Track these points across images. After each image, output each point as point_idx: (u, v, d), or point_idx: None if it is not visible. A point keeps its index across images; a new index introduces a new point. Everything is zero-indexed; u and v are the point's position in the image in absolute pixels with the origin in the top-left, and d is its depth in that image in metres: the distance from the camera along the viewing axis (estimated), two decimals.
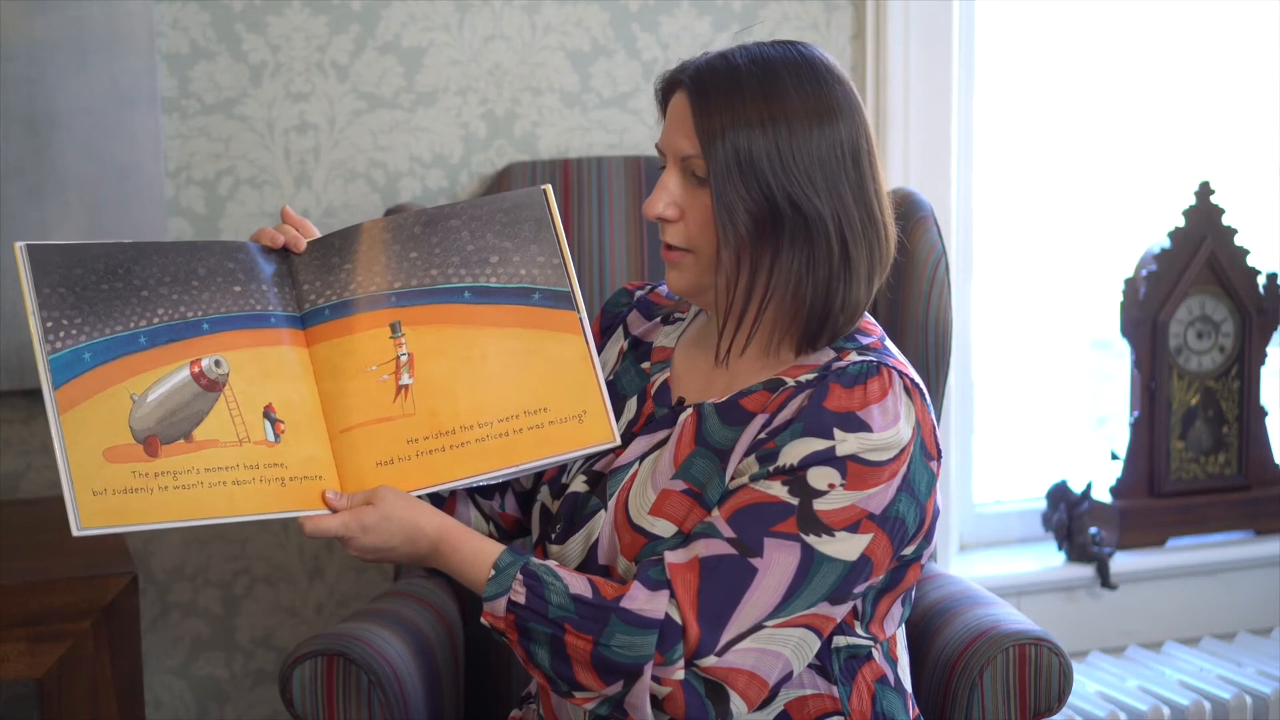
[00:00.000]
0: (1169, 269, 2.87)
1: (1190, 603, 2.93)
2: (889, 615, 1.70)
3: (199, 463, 1.57)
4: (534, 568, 1.59)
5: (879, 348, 1.67)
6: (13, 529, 2.21)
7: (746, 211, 1.59)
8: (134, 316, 1.61)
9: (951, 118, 2.71)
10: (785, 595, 1.56)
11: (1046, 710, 1.91)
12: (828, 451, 1.56)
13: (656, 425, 1.71)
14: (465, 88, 2.53)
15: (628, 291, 1.91)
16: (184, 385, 1.60)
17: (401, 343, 1.70)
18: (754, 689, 1.57)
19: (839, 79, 1.64)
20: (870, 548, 1.58)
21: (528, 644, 1.58)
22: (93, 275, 1.61)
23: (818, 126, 1.60)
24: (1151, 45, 3.04)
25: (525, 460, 1.69)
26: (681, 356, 1.77)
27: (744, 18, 2.62)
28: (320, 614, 2.57)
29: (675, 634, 1.55)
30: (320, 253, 1.73)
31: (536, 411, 1.70)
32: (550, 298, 1.73)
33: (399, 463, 1.66)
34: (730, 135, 1.59)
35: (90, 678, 1.99)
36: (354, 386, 1.68)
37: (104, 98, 2.35)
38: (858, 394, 1.59)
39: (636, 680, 1.55)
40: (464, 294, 1.72)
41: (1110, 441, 3.04)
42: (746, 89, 1.60)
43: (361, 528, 1.60)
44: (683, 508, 1.63)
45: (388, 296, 1.71)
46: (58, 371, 1.55)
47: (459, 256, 1.73)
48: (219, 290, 1.66)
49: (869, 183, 1.63)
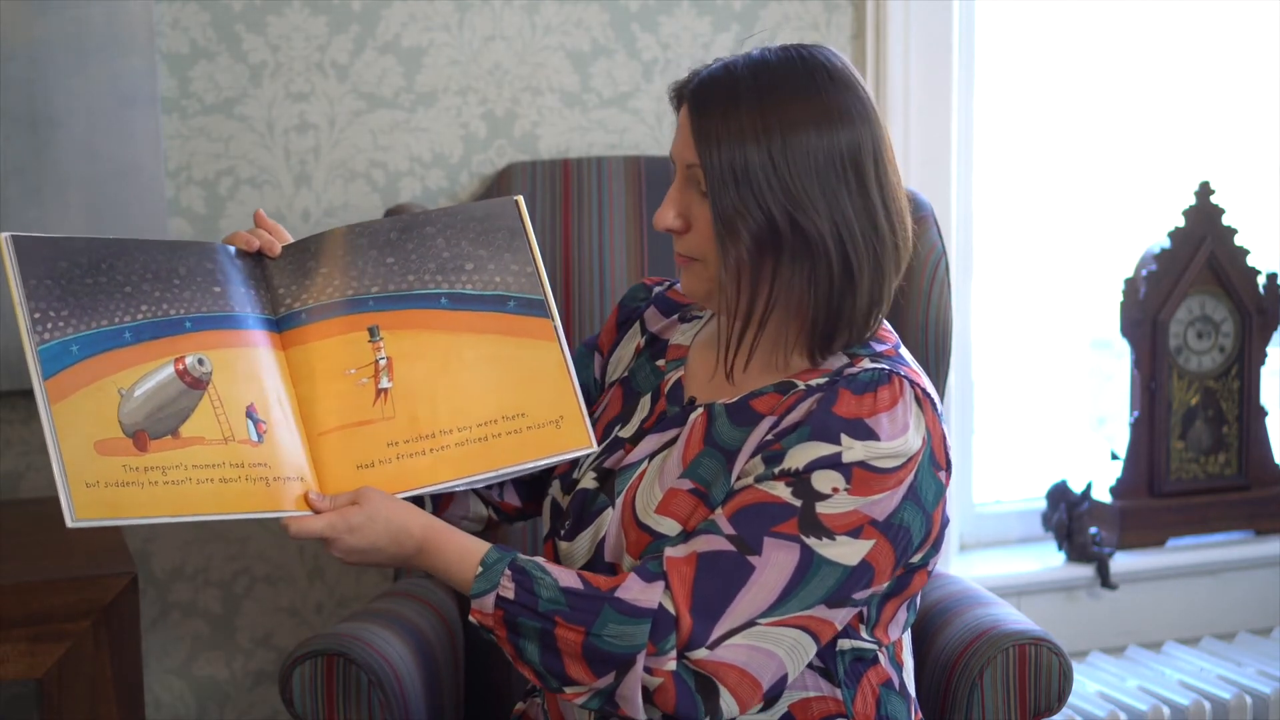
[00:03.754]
0: (1169, 269, 2.87)
1: (1190, 603, 2.93)
2: (894, 620, 1.69)
3: (187, 459, 1.58)
4: (522, 563, 1.59)
5: (893, 355, 1.66)
6: (13, 529, 2.21)
7: (745, 228, 1.58)
8: (118, 312, 1.61)
9: (951, 118, 2.71)
10: (781, 594, 1.55)
11: (1046, 710, 1.91)
12: (834, 457, 1.56)
13: (667, 424, 1.71)
14: (465, 88, 2.53)
15: (646, 286, 1.90)
16: (170, 382, 1.60)
17: (380, 347, 1.71)
18: (745, 687, 1.56)
19: (844, 83, 1.61)
20: (872, 554, 1.57)
21: (517, 640, 1.57)
22: (77, 269, 1.61)
23: (815, 136, 1.58)
24: (1151, 45, 3.04)
25: (504, 464, 1.70)
26: (696, 355, 1.77)
27: (744, 18, 2.62)
28: (320, 614, 2.57)
29: (669, 624, 1.54)
30: (295, 257, 1.74)
31: (515, 416, 1.72)
32: (525, 305, 1.75)
33: (379, 465, 1.67)
34: (726, 149, 1.58)
35: (90, 678, 1.99)
36: (332, 390, 1.68)
37: (104, 98, 2.35)
38: (867, 401, 1.58)
39: (628, 671, 1.54)
40: (441, 300, 1.74)
41: (1110, 441, 3.04)
42: (743, 101, 1.59)
43: (348, 527, 1.60)
44: (688, 506, 1.63)
45: (365, 301, 1.72)
46: (47, 362, 1.55)
47: (435, 263, 1.75)
48: (200, 290, 1.66)
49: (873, 189, 1.60)
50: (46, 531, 2.12)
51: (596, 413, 1.82)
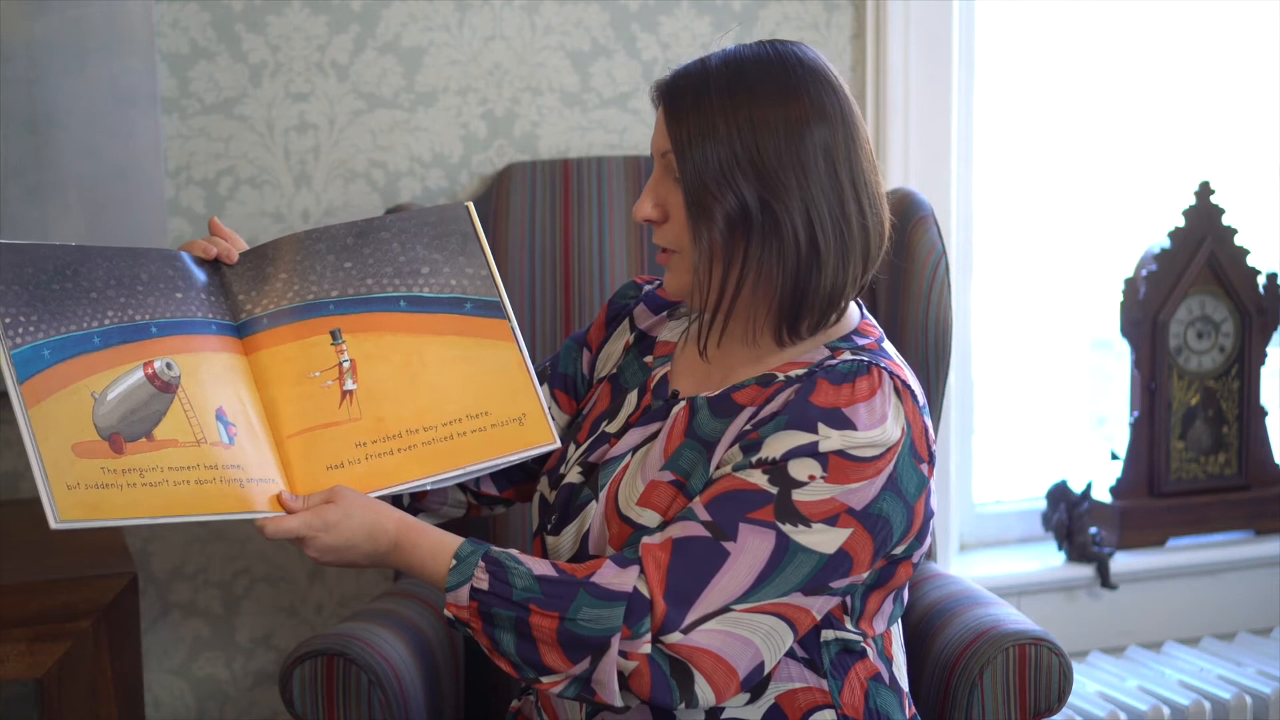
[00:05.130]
0: (1169, 269, 2.87)
1: (1190, 603, 2.93)
2: (879, 612, 1.70)
3: (162, 461, 1.58)
4: (495, 554, 1.60)
5: (874, 349, 1.67)
6: (13, 529, 2.21)
7: (718, 210, 1.61)
8: (85, 317, 1.62)
9: (951, 118, 2.71)
10: (756, 581, 1.56)
11: (1046, 710, 1.91)
12: (811, 446, 1.57)
13: (650, 417, 1.73)
14: (465, 88, 2.53)
15: (636, 284, 1.92)
16: (140, 385, 1.61)
17: (343, 349, 1.73)
18: (720, 673, 1.56)
19: (815, 76, 1.64)
20: (849, 543, 1.58)
21: (492, 630, 1.58)
22: (43, 275, 1.62)
23: (785, 121, 1.61)
24: (1151, 45, 3.04)
25: (471, 462, 1.73)
26: (683, 351, 1.78)
27: (744, 18, 2.62)
28: (320, 614, 2.57)
29: (643, 607, 1.55)
30: (253, 263, 1.76)
31: (478, 415, 1.74)
32: (481, 307, 1.78)
33: (349, 466, 1.68)
34: (698, 133, 1.61)
35: (90, 678, 1.99)
36: (297, 393, 1.70)
37: (104, 98, 2.35)
38: (845, 391, 1.59)
39: (603, 655, 1.55)
40: (400, 303, 1.76)
41: (1110, 441, 3.04)
42: (715, 95, 1.62)
43: (324, 525, 1.61)
44: (667, 497, 1.65)
45: (325, 305, 1.74)
46: (21, 366, 1.56)
47: (391, 267, 1.77)
48: (163, 296, 1.68)
49: (843, 175, 1.62)
50: (46, 531, 2.11)
51: (585, 408, 1.84)
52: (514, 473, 1.88)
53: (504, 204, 2.39)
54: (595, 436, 1.77)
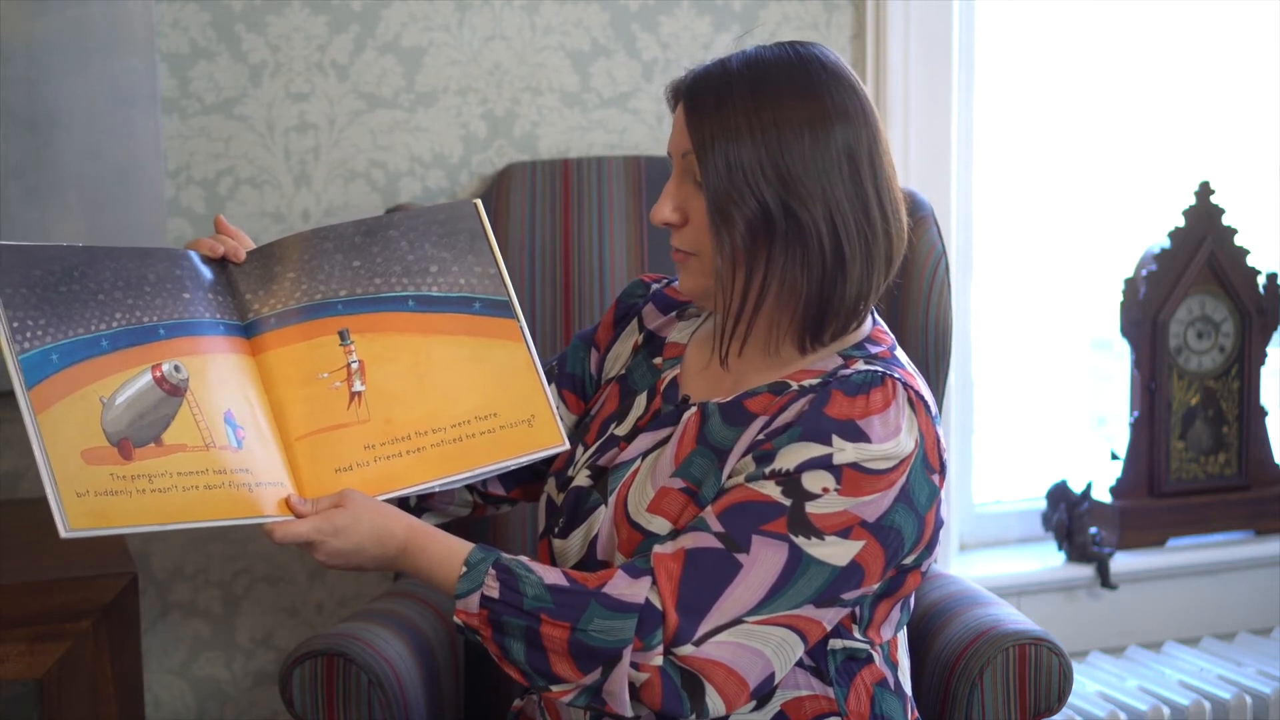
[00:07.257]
0: (1169, 269, 2.87)
1: (1190, 603, 2.93)
2: (887, 620, 1.69)
3: (171, 466, 1.57)
4: (506, 562, 1.59)
5: (888, 357, 1.66)
6: (13, 529, 2.21)
7: (740, 215, 1.59)
8: (93, 320, 1.60)
9: (951, 118, 2.71)
10: (768, 593, 1.55)
11: (1046, 710, 1.91)
12: (825, 458, 1.56)
13: (661, 422, 1.71)
14: (465, 88, 2.53)
15: (643, 283, 1.90)
16: (149, 389, 1.60)
17: (351, 350, 1.72)
18: (731, 685, 1.55)
19: (838, 79, 1.63)
20: (861, 555, 1.57)
21: (502, 639, 1.57)
22: (50, 277, 1.60)
23: (809, 125, 1.59)
24: (1151, 45, 3.04)
25: (480, 464, 1.71)
26: (693, 354, 1.77)
27: (744, 18, 2.62)
28: (320, 614, 2.57)
29: (655, 619, 1.54)
30: (261, 262, 1.74)
31: (487, 416, 1.73)
32: (490, 306, 1.77)
33: (358, 469, 1.67)
34: (721, 145, 1.59)
35: (90, 678, 1.99)
36: (305, 394, 1.68)
37: (104, 98, 2.35)
38: (859, 403, 1.58)
39: (615, 666, 1.54)
40: (408, 303, 1.75)
41: (1110, 441, 3.04)
42: (737, 97, 1.60)
43: (333, 529, 1.60)
44: (678, 505, 1.63)
45: (334, 305, 1.73)
46: (29, 372, 1.54)
47: (400, 266, 1.76)
48: (170, 297, 1.66)
49: (866, 179, 1.61)
50: (46, 531, 2.10)
51: (593, 409, 1.83)
52: (521, 473, 1.87)
53: (504, 204, 2.39)
54: (604, 439, 1.75)
